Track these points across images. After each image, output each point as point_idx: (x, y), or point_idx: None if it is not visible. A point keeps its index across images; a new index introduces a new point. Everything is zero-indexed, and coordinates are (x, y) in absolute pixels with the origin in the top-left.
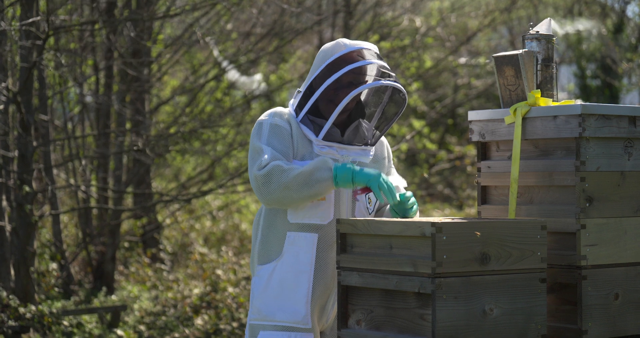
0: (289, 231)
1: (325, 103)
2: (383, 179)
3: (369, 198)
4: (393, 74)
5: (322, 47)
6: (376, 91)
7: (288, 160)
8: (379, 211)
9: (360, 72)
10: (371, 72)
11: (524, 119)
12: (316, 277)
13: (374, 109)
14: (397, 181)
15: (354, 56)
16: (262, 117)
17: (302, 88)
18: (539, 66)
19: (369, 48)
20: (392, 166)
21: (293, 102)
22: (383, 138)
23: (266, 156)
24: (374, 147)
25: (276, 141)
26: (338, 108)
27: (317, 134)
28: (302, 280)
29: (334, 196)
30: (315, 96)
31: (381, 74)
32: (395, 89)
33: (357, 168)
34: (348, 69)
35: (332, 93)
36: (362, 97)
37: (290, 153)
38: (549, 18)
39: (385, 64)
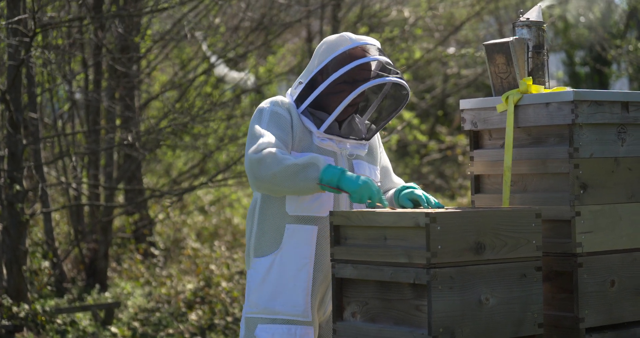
0: (287, 224)
1: (328, 97)
2: (365, 194)
3: None
4: (398, 71)
5: (326, 40)
6: (377, 86)
7: (286, 148)
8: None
9: (366, 68)
10: (376, 68)
11: (516, 106)
12: (316, 270)
13: (367, 104)
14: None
15: (360, 51)
16: (263, 104)
17: (304, 79)
18: (530, 53)
19: (373, 44)
20: (385, 161)
21: (293, 92)
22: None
23: (263, 140)
24: (369, 141)
25: (276, 128)
26: (343, 103)
27: (318, 127)
28: (302, 272)
29: None
30: (319, 89)
31: (386, 71)
32: (399, 85)
33: (348, 174)
34: (355, 65)
35: (337, 88)
36: None
37: (289, 141)
38: (538, 5)
39: (389, 60)
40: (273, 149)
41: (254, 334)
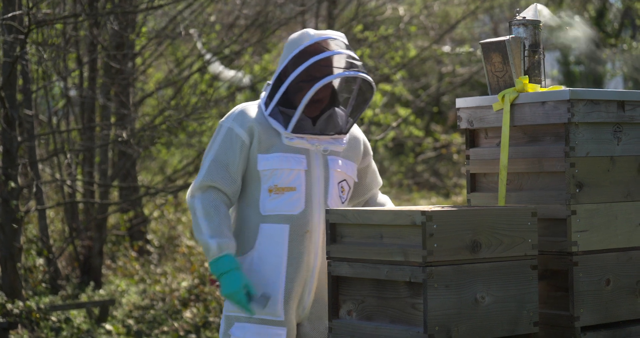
0: (261, 223)
1: (294, 95)
2: (235, 298)
3: (342, 187)
4: (359, 63)
5: (289, 38)
6: (346, 80)
7: (230, 171)
8: (367, 202)
9: (326, 64)
10: (338, 63)
11: (512, 105)
12: (290, 268)
13: (347, 96)
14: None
15: (320, 46)
16: (224, 119)
17: (272, 80)
18: (526, 52)
19: (336, 37)
20: (372, 162)
21: (264, 95)
22: (360, 135)
23: (199, 178)
24: (347, 135)
25: (223, 151)
26: (303, 101)
27: (286, 127)
28: (275, 272)
29: (304, 186)
30: (282, 90)
31: (348, 65)
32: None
33: (228, 277)
34: (311, 62)
35: (298, 86)
36: (336, 86)
37: (237, 163)
38: (535, 3)
39: (352, 53)
40: (197, 206)
41: (229, 331)
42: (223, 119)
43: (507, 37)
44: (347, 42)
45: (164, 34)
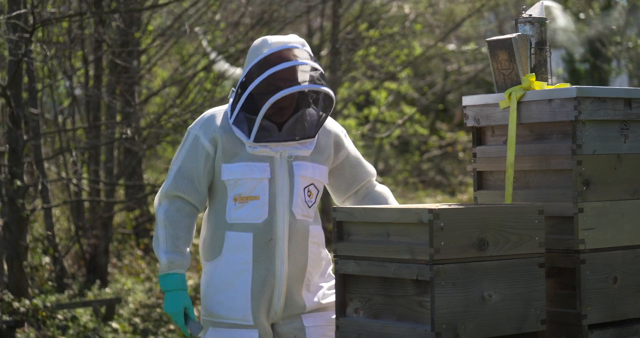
0: (227, 231)
1: (258, 102)
2: (174, 317)
3: (309, 192)
4: (316, 73)
5: (252, 45)
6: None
7: (196, 182)
8: (365, 195)
9: (287, 74)
10: (298, 73)
11: (519, 103)
12: (255, 274)
13: (316, 98)
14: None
15: (281, 55)
16: (193, 125)
17: (236, 87)
18: (532, 50)
19: (294, 46)
20: (351, 153)
21: (230, 101)
22: (332, 128)
23: (164, 186)
24: (315, 139)
25: (189, 159)
26: (260, 114)
27: (249, 135)
28: (241, 278)
29: (268, 196)
30: (242, 99)
31: (309, 77)
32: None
33: (170, 295)
34: (267, 75)
35: (261, 94)
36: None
37: (201, 172)
38: (541, 1)
39: (310, 62)
40: (160, 217)
41: (204, 337)
42: (192, 124)
43: (514, 34)
44: (309, 50)
45: (170, 32)
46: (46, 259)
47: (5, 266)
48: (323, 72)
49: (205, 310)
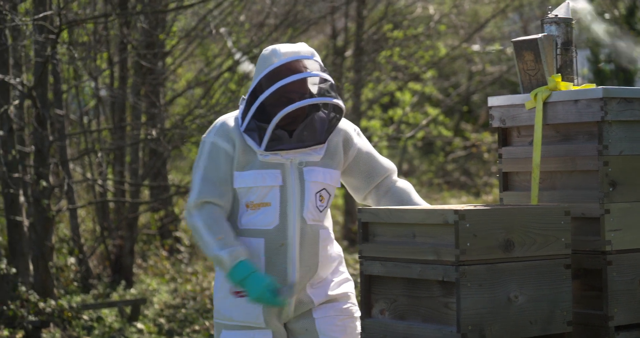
0: (240, 236)
1: (269, 111)
2: (259, 297)
3: (320, 197)
4: (326, 85)
5: (261, 54)
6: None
7: (221, 185)
8: (387, 190)
9: (292, 89)
10: (304, 86)
11: (544, 103)
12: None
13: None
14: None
15: (286, 69)
16: (207, 134)
17: (246, 96)
18: (558, 50)
19: (305, 56)
20: (362, 149)
21: (240, 108)
22: (341, 127)
23: (192, 196)
24: (325, 144)
25: (212, 166)
26: (270, 126)
27: (259, 144)
28: None
29: (279, 201)
30: (253, 109)
31: (319, 90)
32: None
33: (251, 278)
34: (277, 87)
35: (272, 105)
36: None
37: (226, 176)
38: (567, 1)
39: (320, 74)
40: (198, 223)
41: None
42: (205, 134)
43: (540, 35)
44: (319, 60)
45: (194, 34)
46: (71, 260)
47: (31, 267)
48: (333, 83)
49: (218, 313)
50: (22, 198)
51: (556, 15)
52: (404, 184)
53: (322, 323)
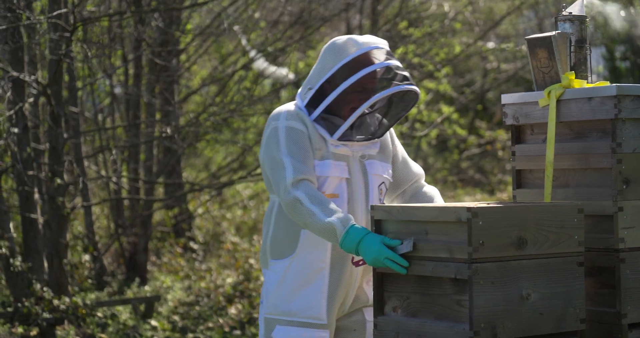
0: (302, 229)
1: (341, 105)
2: (381, 257)
3: (380, 190)
4: (407, 74)
5: (333, 43)
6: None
7: (309, 164)
8: (412, 194)
9: (376, 76)
10: (388, 74)
11: (558, 101)
12: (332, 274)
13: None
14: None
15: (367, 57)
16: (274, 121)
17: (312, 85)
18: (572, 48)
19: (382, 47)
20: (399, 151)
21: (303, 97)
22: None
23: (288, 176)
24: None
25: (295, 147)
26: (354, 115)
27: (331, 133)
28: (318, 277)
29: (346, 193)
30: (329, 100)
31: (397, 76)
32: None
33: (365, 241)
34: (363, 74)
35: (348, 98)
36: None
37: (310, 155)
38: None
39: (399, 63)
40: (298, 194)
41: (271, 335)
42: (274, 122)
43: (553, 32)
44: (389, 49)
45: (209, 31)
46: (86, 257)
47: (46, 264)
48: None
49: (274, 308)
50: (36, 196)
51: (570, 13)
52: (430, 189)
53: (372, 327)
